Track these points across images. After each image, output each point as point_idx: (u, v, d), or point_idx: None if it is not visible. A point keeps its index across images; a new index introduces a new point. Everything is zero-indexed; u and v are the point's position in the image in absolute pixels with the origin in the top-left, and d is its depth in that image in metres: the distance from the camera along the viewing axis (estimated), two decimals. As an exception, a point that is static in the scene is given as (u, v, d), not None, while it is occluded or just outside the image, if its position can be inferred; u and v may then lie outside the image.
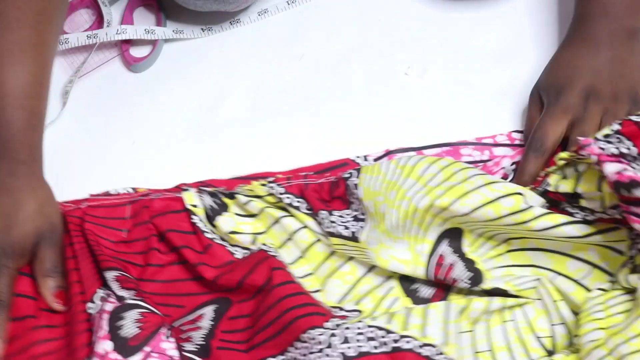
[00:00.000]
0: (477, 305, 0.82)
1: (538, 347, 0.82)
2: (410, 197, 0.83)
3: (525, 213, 0.80)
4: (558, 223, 0.80)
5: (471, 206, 0.81)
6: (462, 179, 0.83)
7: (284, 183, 0.90)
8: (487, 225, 0.83)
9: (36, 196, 0.88)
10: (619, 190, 0.74)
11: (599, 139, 0.78)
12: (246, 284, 0.84)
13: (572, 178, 0.81)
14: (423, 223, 0.84)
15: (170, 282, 0.88)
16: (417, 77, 0.99)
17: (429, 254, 0.85)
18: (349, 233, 0.85)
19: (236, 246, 0.89)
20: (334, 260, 0.87)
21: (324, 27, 1.05)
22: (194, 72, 1.03)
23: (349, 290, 0.86)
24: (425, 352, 0.78)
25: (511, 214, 0.80)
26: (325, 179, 0.90)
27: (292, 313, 0.80)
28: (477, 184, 0.82)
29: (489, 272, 0.84)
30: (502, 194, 0.81)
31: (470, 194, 0.81)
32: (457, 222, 0.85)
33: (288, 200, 0.89)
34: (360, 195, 0.86)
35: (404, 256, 0.84)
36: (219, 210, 0.90)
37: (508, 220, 0.81)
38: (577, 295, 0.82)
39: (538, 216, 0.80)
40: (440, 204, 0.82)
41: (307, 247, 0.88)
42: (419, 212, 0.83)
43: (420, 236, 0.85)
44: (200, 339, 0.84)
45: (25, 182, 0.88)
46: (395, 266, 0.84)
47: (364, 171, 0.88)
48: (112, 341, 0.79)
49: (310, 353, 0.77)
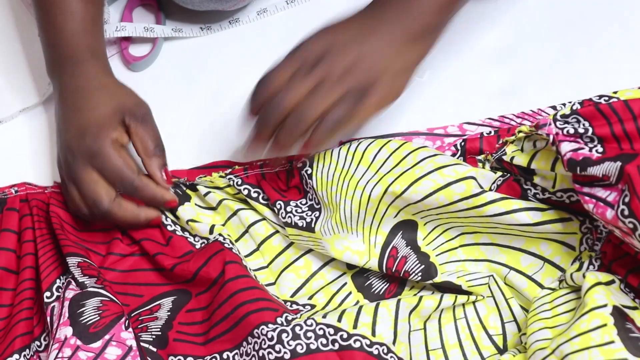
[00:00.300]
0: (428, 304, 0.81)
1: (489, 345, 0.82)
2: (363, 186, 0.83)
3: (478, 198, 0.80)
4: (510, 209, 0.80)
5: (423, 193, 0.81)
6: (412, 163, 0.82)
7: (241, 174, 0.90)
8: (441, 214, 0.83)
9: (105, 85, 0.89)
10: (573, 168, 0.74)
11: (558, 119, 0.78)
12: (200, 276, 0.84)
13: (528, 153, 0.81)
14: (377, 213, 0.83)
15: (129, 272, 0.88)
16: (417, 77, 0.97)
17: (382, 245, 0.84)
18: (303, 223, 0.84)
19: (197, 236, 0.89)
20: (288, 255, 0.87)
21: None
22: (193, 72, 1.03)
23: (303, 285, 0.86)
24: (375, 351, 0.78)
25: (463, 198, 0.80)
26: (281, 166, 0.90)
27: (245, 308, 0.80)
28: (427, 169, 0.81)
29: (442, 267, 0.84)
30: (453, 179, 0.81)
31: (421, 180, 0.81)
32: (411, 213, 0.84)
33: (246, 191, 0.88)
34: (314, 185, 0.86)
35: (358, 247, 0.83)
36: (182, 200, 0.90)
37: (461, 206, 0.81)
38: (529, 291, 0.81)
39: (490, 201, 0.80)
40: (392, 192, 0.81)
41: (263, 240, 0.88)
42: (373, 201, 0.82)
43: (374, 227, 0.84)
44: (156, 329, 0.84)
45: (91, 77, 0.89)
46: (348, 257, 0.83)
47: (316, 159, 0.87)
48: (72, 327, 0.79)
49: (261, 349, 0.77)
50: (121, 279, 0.87)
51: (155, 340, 0.83)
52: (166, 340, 0.83)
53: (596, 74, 0.94)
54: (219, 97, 1.01)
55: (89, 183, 0.84)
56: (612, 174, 0.72)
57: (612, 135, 0.75)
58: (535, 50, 0.98)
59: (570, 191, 0.79)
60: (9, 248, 0.88)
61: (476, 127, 0.91)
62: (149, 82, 1.03)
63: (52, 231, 0.88)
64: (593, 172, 0.73)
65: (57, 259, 0.87)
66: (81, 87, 0.89)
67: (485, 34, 1.00)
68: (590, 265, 0.79)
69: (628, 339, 0.67)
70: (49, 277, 0.85)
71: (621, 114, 0.75)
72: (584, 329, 0.69)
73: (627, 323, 0.69)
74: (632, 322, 0.70)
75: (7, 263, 0.87)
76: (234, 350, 0.80)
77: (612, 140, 0.75)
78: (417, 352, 0.81)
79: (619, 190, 0.71)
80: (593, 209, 0.74)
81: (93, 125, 0.85)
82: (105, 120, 0.86)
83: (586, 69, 0.95)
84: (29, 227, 0.88)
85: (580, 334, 0.69)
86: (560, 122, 0.77)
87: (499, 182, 0.83)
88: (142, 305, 0.86)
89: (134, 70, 1.04)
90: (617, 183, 0.72)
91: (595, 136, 0.76)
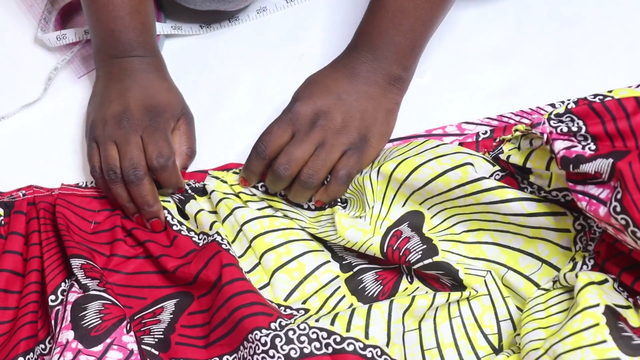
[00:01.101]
0: (421, 303, 0.81)
1: (485, 345, 0.82)
2: (368, 175, 0.86)
3: (473, 185, 0.81)
4: (505, 198, 0.81)
5: (423, 180, 0.83)
6: (414, 153, 0.85)
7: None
8: (444, 202, 0.85)
9: (169, 80, 0.96)
10: (566, 166, 0.74)
11: (552, 118, 0.78)
12: (200, 279, 0.85)
13: (524, 151, 0.82)
14: (385, 199, 0.86)
15: (133, 274, 0.88)
16: (417, 77, 0.98)
17: (388, 228, 0.86)
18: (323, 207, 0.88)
19: (201, 233, 0.89)
20: (279, 253, 0.87)
21: (323, 26, 1.05)
22: (193, 72, 1.04)
23: (296, 287, 0.87)
24: (369, 354, 0.78)
25: (459, 185, 0.82)
26: None
27: (240, 312, 0.80)
28: (427, 157, 0.84)
29: (443, 253, 0.84)
30: (450, 166, 0.82)
31: (420, 168, 0.83)
32: (418, 202, 0.86)
33: (263, 188, 0.91)
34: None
35: (364, 227, 0.85)
36: (188, 199, 0.92)
37: (458, 192, 0.82)
38: (526, 290, 0.82)
39: (486, 189, 0.81)
40: (395, 178, 0.84)
41: (255, 237, 0.88)
42: (380, 184, 0.85)
43: (382, 214, 0.86)
44: (159, 332, 0.85)
45: (160, 68, 0.96)
46: (352, 234, 0.84)
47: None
48: (74, 331, 0.80)
49: (255, 354, 0.78)
50: (125, 281, 0.88)
51: (157, 344, 0.84)
52: (169, 343, 0.84)
53: (595, 74, 0.93)
54: (219, 97, 1.01)
55: (134, 146, 0.89)
56: (605, 170, 0.72)
57: (605, 134, 0.75)
58: (535, 50, 0.97)
59: (565, 190, 0.79)
60: (16, 251, 0.88)
61: (475, 126, 0.91)
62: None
63: (58, 234, 0.89)
64: (586, 169, 0.73)
65: (63, 262, 0.87)
66: (151, 70, 0.94)
67: (485, 34, 1.00)
68: (583, 265, 0.78)
69: (620, 338, 0.67)
70: (54, 280, 0.85)
71: (615, 113, 0.75)
72: (577, 328, 0.69)
73: (620, 322, 0.69)
74: (624, 322, 0.69)
75: (14, 266, 0.88)
76: (233, 354, 0.81)
77: (605, 139, 0.75)
78: (412, 352, 0.81)
79: (611, 188, 0.71)
80: (586, 206, 0.73)
81: (161, 104, 0.92)
82: (172, 107, 0.93)
83: (585, 69, 0.94)
84: (35, 230, 0.89)
85: (573, 333, 0.68)
86: (555, 121, 0.77)
87: (497, 177, 0.84)
88: (145, 307, 0.87)
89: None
90: (609, 180, 0.72)
91: (588, 134, 0.76)
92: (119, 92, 0.92)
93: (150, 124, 0.90)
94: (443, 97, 0.97)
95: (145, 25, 0.95)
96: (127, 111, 0.90)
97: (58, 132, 1.01)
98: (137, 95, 0.91)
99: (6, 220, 0.91)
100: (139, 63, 0.94)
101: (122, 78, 0.93)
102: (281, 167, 0.86)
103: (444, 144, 0.86)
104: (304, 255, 0.88)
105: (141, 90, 0.92)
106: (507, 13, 1.01)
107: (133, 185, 0.88)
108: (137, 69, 0.93)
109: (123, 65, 0.93)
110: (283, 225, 0.89)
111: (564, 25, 0.98)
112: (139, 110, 0.90)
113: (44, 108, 1.04)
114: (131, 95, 0.91)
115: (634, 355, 0.66)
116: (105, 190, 0.91)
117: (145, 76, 0.93)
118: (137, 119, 0.90)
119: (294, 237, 0.88)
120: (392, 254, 0.84)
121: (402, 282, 0.86)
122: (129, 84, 0.92)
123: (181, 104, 0.94)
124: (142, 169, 0.88)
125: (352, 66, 0.90)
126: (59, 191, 0.93)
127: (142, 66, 0.94)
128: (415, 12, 0.87)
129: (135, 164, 0.88)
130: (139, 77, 0.93)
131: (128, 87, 0.92)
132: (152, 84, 0.93)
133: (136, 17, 0.93)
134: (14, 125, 1.03)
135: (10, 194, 0.92)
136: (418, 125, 0.94)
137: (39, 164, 0.99)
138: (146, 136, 0.89)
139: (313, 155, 0.87)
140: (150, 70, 0.94)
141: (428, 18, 0.88)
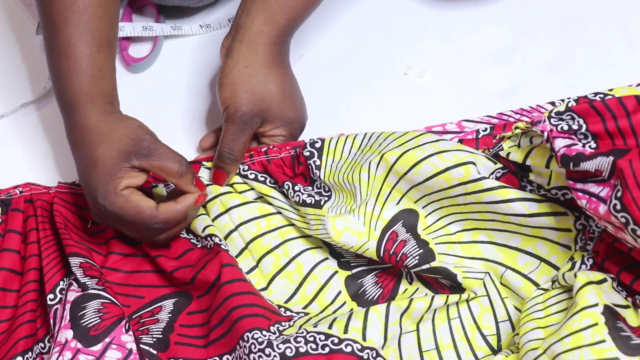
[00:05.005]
0: (419, 305, 0.81)
1: (483, 346, 0.81)
2: (367, 167, 0.85)
3: (475, 184, 0.81)
4: (506, 198, 0.81)
5: (424, 176, 0.83)
6: (414, 145, 0.84)
7: (247, 161, 0.91)
8: (442, 200, 0.84)
9: (100, 134, 0.84)
10: (566, 163, 0.74)
11: (552, 116, 0.78)
12: (199, 279, 0.84)
13: (524, 149, 0.82)
14: (380, 196, 0.85)
15: (131, 273, 0.88)
16: (417, 77, 0.98)
17: (383, 229, 0.85)
18: (312, 200, 0.86)
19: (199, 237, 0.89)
20: (277, 256, 0.87)
21: (323, 27, 1.05)
22: (193, 72, 1.04)
23: (296, 290, 0.86)
24: (365, 355, 0.78)
25: (461, 183, 0.82)
26: (286, 152, 0.91)
27: (238, 312, 0.80)
28: (428, 152, 0.83)
29: (440, 256, 0.84)
30: (452, 163, 0.82)
31: (422, 163, 0.83)
32: (413, 200, 0.85)
33: (252, 175, 0.90)
34: (322, 176, 0.88)
35: (358, 229, 0.84)
36: None
37: (459, 190, 0.82)
38: (525, 289, 0.82)
39: (488, 189, 0.81)
40: (395, 171, 0.83)
41: (253, 239, 0.88)
42: (378, 179, 0.84)
43: (376, 212, 0.85)
44: (158, 332, 0.84)
45: (87, 126, 0.85)
46: (347, 237, 0.83)
47: (325, 152, 0.89)
48: (73, 330, 0.80)
49: (251, 352, 0.77)
50: (123, 279, 0.88)
51: (156, 343, 0.83)
52: (167, 342, 0.83)
53: (595, 73, 0.94)
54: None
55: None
56: (605, 168, 0.72)
57: (606, 132, 0.75)
58: (535, 50, 0.97)
59: (564, 189, 0.79)
60: (14, 249, 0.88)
61: (474, 124, 0.91)
62: (149, 82, 1.04)
63: (56, 232, 0.88)
64: (586, 167, 0.73)
65: (61, 260, 0.87)
66: (80, 142, 0.86)
67: (485, 34, 1.00)
68: (582, 264, 0.78)
69: (619, 338, 0.67)
70: (53, 279, 0.85)
71: (615, 111, 0.75)
72: (575, 328, 0.68)
73: (618, 322, 0.69)
74: (623, 321, 0.69)
75: (12, 264, 0.87)
76: (232, 353, 0.80)
77: (606, 137, 0.75)
78: (409, 354, 0.81)
79: (611, 186, 0.71)
80: (586, 204, 0.73)
81: (100, 185, 0.83)
82: (108, 177, 0.83)
83: (586, 68, 0.94)
84: (33, 228, 0.89)
85: (572, 333, 0.68)
86: (555, 119, 0.77)
87: (498, 175, 0.83)
88: (143, 306, 0.86)
89: (133, 72, 1.05)
90: (609, 178, 0.72)
91: (589, 132, 0.76)
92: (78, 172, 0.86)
93: (110, 211, 0.83)
94: (443, 97, 0.97)
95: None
96: (90, 205, 0.85)
97: (56, 131, 1.00)
98: (83, 179, 0.85)
99: (3, 217, 0.90)
100: (74, 130, 0.86)
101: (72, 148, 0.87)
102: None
103: (444, 140, 0.85)
104: (301, 254, 0.87)
105: (83, 168, 0.85)
106: (507, 13, 1.01)
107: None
108: (74, 141, 0.86)
109: (67, 131, 0.87)
110: (280, 223, 0.88)
111: (564, 25, 0.98)
112: (92, 201, 0.84)
113: (43, 107, 1.03)
114: (82, 182, 0.85)
115: (632, 354, 0.66)
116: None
117: (82, 151, 0.85)
118: (98, 213, 0.84)
119: (291, 235, 0.88)
120: (389, 258, 0.83)
121: (402, 283, 0.86)
122: (77, 165, 0.86)
123: (124, 157, 0.83)
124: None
125: (273, 59, 0.93)
126: (56, 189, 0.92)
127: (74, 137, 0.86)
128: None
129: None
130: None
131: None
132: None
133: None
134: (13, 123, 1.03)
135: (7, 192, 0.92)
136: (418, 125, 0.93)
137: (37, 162, 0.99)
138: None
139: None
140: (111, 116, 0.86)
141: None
